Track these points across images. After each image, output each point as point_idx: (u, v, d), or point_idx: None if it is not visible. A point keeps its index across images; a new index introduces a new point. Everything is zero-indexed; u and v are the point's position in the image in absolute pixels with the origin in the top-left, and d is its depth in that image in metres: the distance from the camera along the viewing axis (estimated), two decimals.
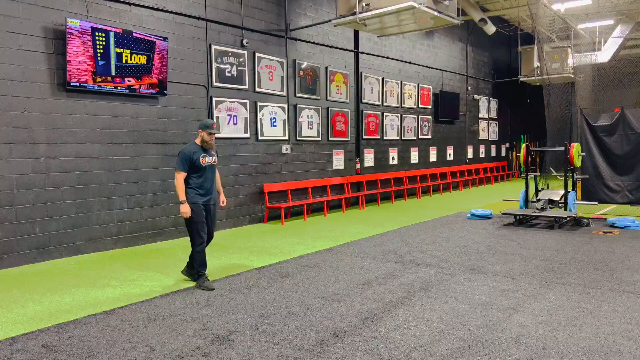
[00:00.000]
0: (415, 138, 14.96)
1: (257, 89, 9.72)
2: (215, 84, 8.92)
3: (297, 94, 10.68)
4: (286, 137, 10.43)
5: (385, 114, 13.54)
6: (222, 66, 9.03)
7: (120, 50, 7.26)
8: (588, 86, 15.13)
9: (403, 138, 14.37)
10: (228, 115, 9.17)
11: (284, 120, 10.35)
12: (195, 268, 5.42)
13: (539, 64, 15.16)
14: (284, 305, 4.72)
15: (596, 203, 9.80)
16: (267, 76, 9.92)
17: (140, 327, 4.22)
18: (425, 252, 7.00)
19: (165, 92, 7.97)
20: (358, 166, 12.59)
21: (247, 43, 9.43)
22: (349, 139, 12.25)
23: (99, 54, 7.00)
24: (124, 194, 7.66)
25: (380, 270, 5.99)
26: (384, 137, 13.58)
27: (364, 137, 12.78)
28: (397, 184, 13.94)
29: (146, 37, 7.59)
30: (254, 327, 4.17)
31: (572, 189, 9.45)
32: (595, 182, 9.66)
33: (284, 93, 10.35)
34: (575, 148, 9.26)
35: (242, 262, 6.55)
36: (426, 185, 14.80)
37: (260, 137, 9.80)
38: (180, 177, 5.29)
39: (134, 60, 7.45)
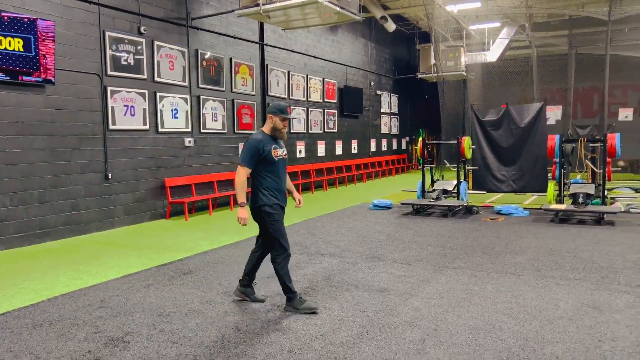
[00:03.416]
0: (322, 131, 15.20)
1: (157, 79, 9.31)
2: (110, 72, 8.41)
3: (200, 85, 10.38)
4: (189, 130, 10.11)
5: (292, 107, 13.60)
6: (117, 54, 8.53)
7: None
8: (479, 83, 16.30)
9: (310, 131, 14.53)
10: (125, 106, 8.69)
11: (187, 112, 10.03)
12: (284, 286, 4.32)
13: (435, 62, 16.03)
14: (185, 302, 4.59)
15: (485, 192, 10.60)
16: (168, 65, 9.54)
17: (24, 335, 3.89)
18: (329, 242, 7.15)
19: (53, 80, 7.38)
20: None
21: (145, 30, 8.99)
22: (255, 131, 12.14)
23: None
24: (6, 191, 6.99)
25: None
26: (291, 131, 13.64)
27: None
28: (304, 177, 14.09)
29: (20, 17, 6.95)
30: (152, 326, 4.01)
31: (464, 180, 10.15)
32: (484, 173, 10.43)
33: (186, 83, 10.02)
34: (466, 141, 9.94)
35: (140, 260, 6.26)
36: (332, 177, 15.11)
37: (160, 129, 9.41)
38: (243, 173, 4.18)
39: (3, 44, 6.79)
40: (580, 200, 8.66)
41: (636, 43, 17.14)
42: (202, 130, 10.44)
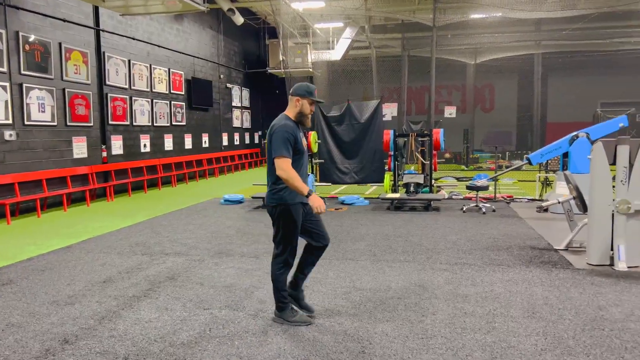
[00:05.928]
0: (169, 124, 14.55)
1: None
2: None
3: (23, 72, 9.22)
4: (10, 122, 8.93)
5: (134, 98, 12.78)
6: None
7: None
8: (325, 80, 17.00)
9: (155, 124, 13.82)
10: None
11: (6, 102, 8.83)
12: (276, 294, 3.87)
13: (283, 58, 16.34)
14: (2, 317, 4.05)
15: (331, 184, 11.14)
16: None
17: None
18: (175, 241, 6.89)
19: None
20: (104, 154, 11.63)
21: None
22: (92, 124, 11.18)
23: None
24: None
25: (125, 265, 5.66)
26: (134, 123, 12.83)
27: (111, 122, 11.85)
28: (150, 173, 13.37)
29: None
30: None
31: (312, 172, 10.54)
32: (329, 166, 10.96)
33: (5, 69, 8.82)
34: (313, 136, 10.32)
35: None
36: (182, 172, 14.59)
37: None
38: (288, 165, 3.54)
39: None
40: (412, 189, 9.55)
41: (457, 48, 19.40)
42: (26, 123, 9.29)
